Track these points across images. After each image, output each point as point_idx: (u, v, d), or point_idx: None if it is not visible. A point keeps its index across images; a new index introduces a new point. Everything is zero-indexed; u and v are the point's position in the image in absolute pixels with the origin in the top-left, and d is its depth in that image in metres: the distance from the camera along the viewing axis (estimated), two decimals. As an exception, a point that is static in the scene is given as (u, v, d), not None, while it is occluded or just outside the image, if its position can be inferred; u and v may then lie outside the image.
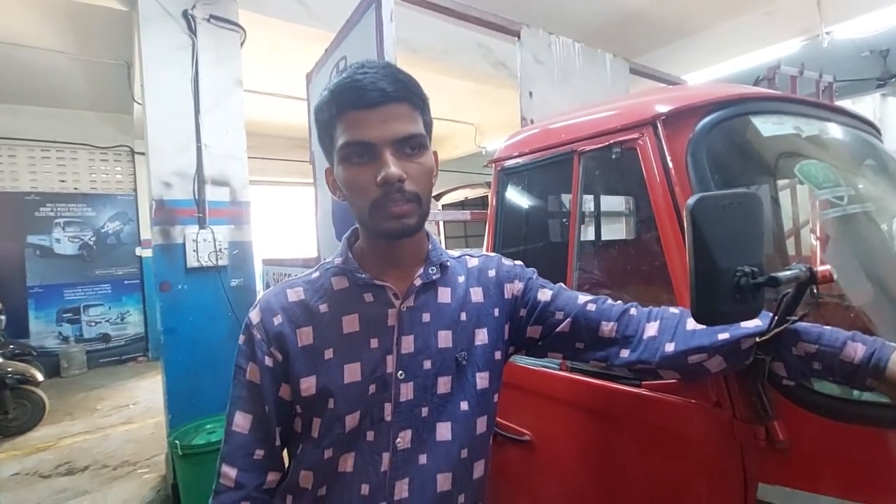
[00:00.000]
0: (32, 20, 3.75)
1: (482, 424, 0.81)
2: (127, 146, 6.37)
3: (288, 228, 8.04)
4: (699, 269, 0.65)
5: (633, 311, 0.85)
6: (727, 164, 1.10)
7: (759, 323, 0.74)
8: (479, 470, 0.82)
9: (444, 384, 0.77)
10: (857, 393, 0.77)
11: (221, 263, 2.79)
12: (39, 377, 4.07)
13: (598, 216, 1.94)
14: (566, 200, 1.47)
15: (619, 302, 0.88)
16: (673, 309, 0.84)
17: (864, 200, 1.15)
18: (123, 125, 6.12)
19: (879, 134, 1.43)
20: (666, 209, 1.00)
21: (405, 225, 0.71)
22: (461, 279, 0.85)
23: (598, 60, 2.26)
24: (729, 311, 0.66)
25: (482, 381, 0.81)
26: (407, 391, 0.75)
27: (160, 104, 2.67)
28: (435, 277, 0.80)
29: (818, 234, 1.19)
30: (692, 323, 0.77)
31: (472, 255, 0.92)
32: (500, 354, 0.85)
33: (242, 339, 0.78)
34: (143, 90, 2.69)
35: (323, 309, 0.77)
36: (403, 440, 0.74)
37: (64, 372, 5.79)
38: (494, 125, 6.82)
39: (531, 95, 1.98)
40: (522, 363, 1.28)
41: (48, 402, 4.15)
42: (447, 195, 5.64)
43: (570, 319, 0.85)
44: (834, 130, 1.24)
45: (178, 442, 2.29)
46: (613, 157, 1.15)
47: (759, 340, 0.75)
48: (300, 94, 2.71)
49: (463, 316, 0.81)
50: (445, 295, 0.81)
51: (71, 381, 5.63)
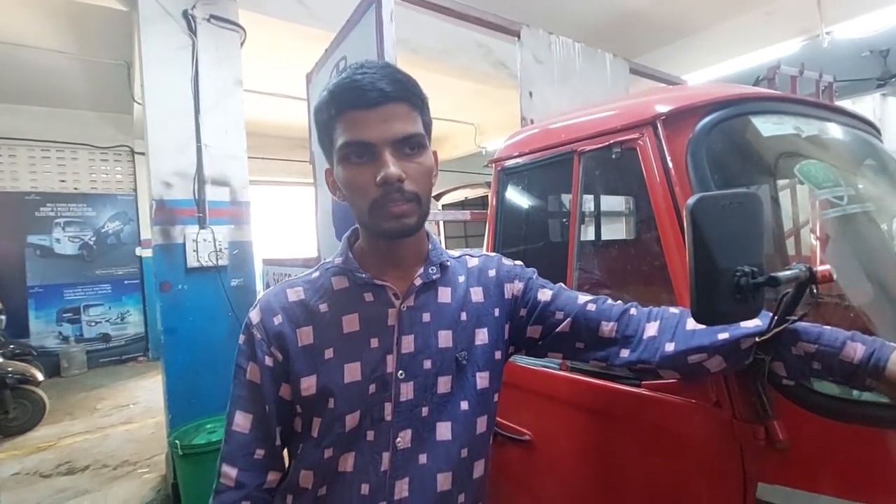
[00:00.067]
0: (32, 20, 3.75)
1: (482, 424, 0.81)
2: (127, 146, 6.37)
3: (288, 228, 8.04)
4: (699, 269, 0.65)
5: (633, 311, 0.85)
6: (727, 164, 1.10)
7: (758, 323, 0.74)
8: (479, 469, 0.82)
9: (444, 384, 0.77)
10: (856, 393, 0.77)
11: (221, 263, 2.79)
12: (40, 377, 4.07)
13: (598, 216, 1.94)
14: (566, 200, 1.47)
15: (619, 302, 0.88)
16: (673, 309, 0.84)
17: (864, 200, 1.15)
18: (123, 125, 6.12)
19: (879, 134, 1.43)
20: (666, 209, 1.00)
21: (405, 225, 0.71)
22: (461, 279, 0.85)
23: (598, 60, 2.26)
24: (729, 310, 0.66)
25: (482, 380, 0.81)
26: (407, 391, 0.75)
27: (160, 104, 2.67)
28: (435, 277, 0.80)
29: (818, 234, 1.19)
30: (692, 323, 0.77)
31: (472, 254, 0.92)
32: (500, 354, 0.85)
33: (242, 338, 0.78)
34: (143, 90, 2.69)
35: (323, 308, 0.77)
36: (403, 440, 0.74)
37: (64, 372, 5.79)
38: (494, 125, 6.82)
39: (531, 95, 1.98)
40: (522, 363, 1.28)
41: (48, 401, 4.16)
42: (447, 195, 5.64)
43: (570, 319, 0.85)
44: (834, 130, 1.24)
45: (178, 442, 2.29)
46: (613, 157, 1.15)
47: (758, 340, 0.75)
48: (300, 94, 2.71)
49: (463, 316, 0.81)
50: (445, 295, 0.81)
51: (71, 380, 5.63)
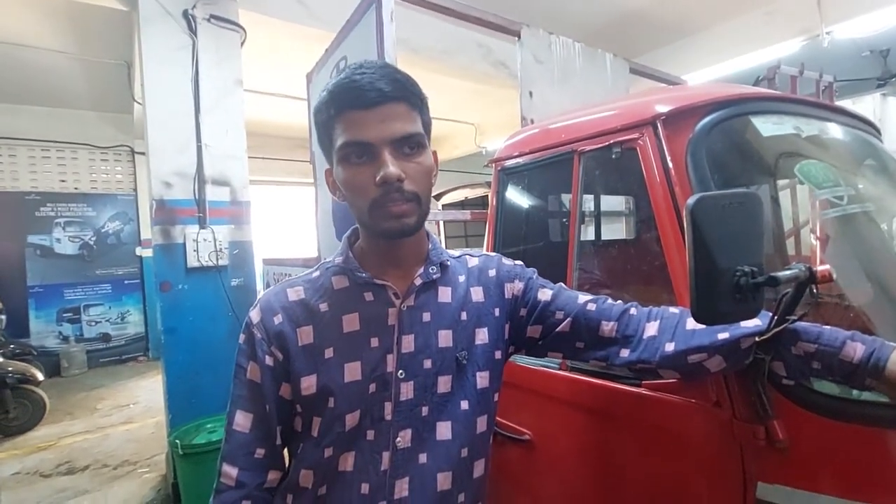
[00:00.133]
0: (32, 20, 3.75)
1: (482, 424, 0.81)
2: (127, 146, 6.37)
3: (288, 228, 8.04)
4: (699, 268, 0.65)
5: (633, 310, 0.85)
6: (727, 164, 1.10)
7: (758, 322, 0.74)
8: (479, 469, 0.82)
9: (444, 383, 0.77)
10: (856, 392, 0.77)
11: (222, 263, 2.79)
12: (40, 377, 4.08)
13: (598, 216, 1.94)
14: (566, 200, 1.47)
15: (619, 302, 0.88)
16: (673, 309, 0.84)
17: (864, 200, 1.15)
18: (123, 125, 6.12)
19: (879, 134, 1.43)
20: (666, 209, 1.00)
21: (405, 224, 0.71)
22: (461, 279, 0.85)
23: (598, 60, 2.26)
24: (729, 310, 0.66)
25: (482, 380, 0.81)
26: (407, 390, 0.75)
27: (160, 104, 2.67)
28: (435, 277, 0.80)
29: (818, 234, 1.19)
30: (692, 323, 0.77)
31: (472, 254, 0.92)
32: (500, 354, 0.85)
33: (243, 338, 0.78)
34: (143, 90, 2.69)
35: (323, 308, 0.77)
36: (403, 439, 0.74)
37: (64, 371, 5.79)
38: (494, 125, 6.82)
39: (531, 95, 1.98)
40: (522, 363, 1.28)
41: (48, 401, 4.16)
42: (447, 195, 5.64)
43: (570, 319, 0.85)
44: (834, 130, 1.24)
45: (178, 441, 2.29)
46: (613, 157, 1.15)
47: (758, 340, 0.75)
48: (300, 94, 2.71)
49: (463, 315, 0.81)
50: (446, 294, 0.81)
51: (71, 380, 5.63)
